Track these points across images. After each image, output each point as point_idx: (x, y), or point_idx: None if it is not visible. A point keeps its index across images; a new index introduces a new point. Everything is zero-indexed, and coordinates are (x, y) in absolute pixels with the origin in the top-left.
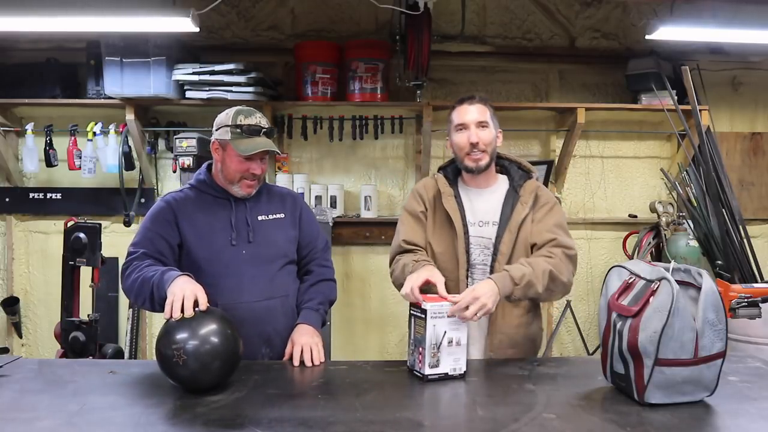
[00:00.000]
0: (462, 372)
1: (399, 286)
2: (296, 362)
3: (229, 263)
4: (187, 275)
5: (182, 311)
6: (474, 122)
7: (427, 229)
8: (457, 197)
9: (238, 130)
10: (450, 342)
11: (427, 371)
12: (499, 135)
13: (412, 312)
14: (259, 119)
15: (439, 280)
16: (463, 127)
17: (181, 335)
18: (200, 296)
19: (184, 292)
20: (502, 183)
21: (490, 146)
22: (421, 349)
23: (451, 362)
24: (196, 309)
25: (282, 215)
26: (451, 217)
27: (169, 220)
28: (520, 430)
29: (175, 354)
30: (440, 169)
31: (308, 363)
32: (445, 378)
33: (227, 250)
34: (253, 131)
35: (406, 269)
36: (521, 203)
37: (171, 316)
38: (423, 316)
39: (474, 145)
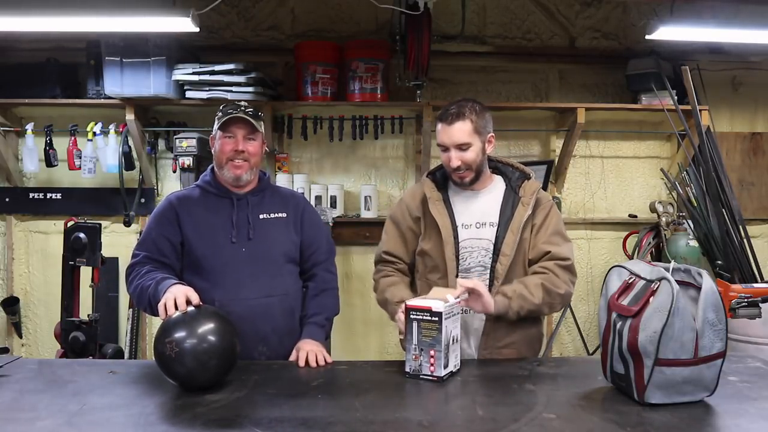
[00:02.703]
0: (459, 366)
1: (380, 302)
2: (301, 363)
3: (229, 260)
4: (180, 283)
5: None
6: (453, 145)
7: (421, 236)
8: (447, 201)
9: (220, 114)
10: (454, 339)
11: (443, 372)
12: (491, 140)
13: (414, 317)
14: (243, 104)
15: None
16: (444, 148)
17: (178, 333)
18: (191, 295)
19: (175, 294)
20: (498, 183)
21: (474, 163)
22: (433, 352)
23: (454, 359)
24: (189, 307)
25: (284, 214)
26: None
27: (171, 219)
28: (520, 430)
29: (167, 348)
30: (429, 173)
31: (313, 364)
32: (451, 375)
33: (227, 247)
34: (231, 109)
35: (389, 307)
36: (523, 204)
37: (166, 317)
38: (436, 319)
39: (456, 168)
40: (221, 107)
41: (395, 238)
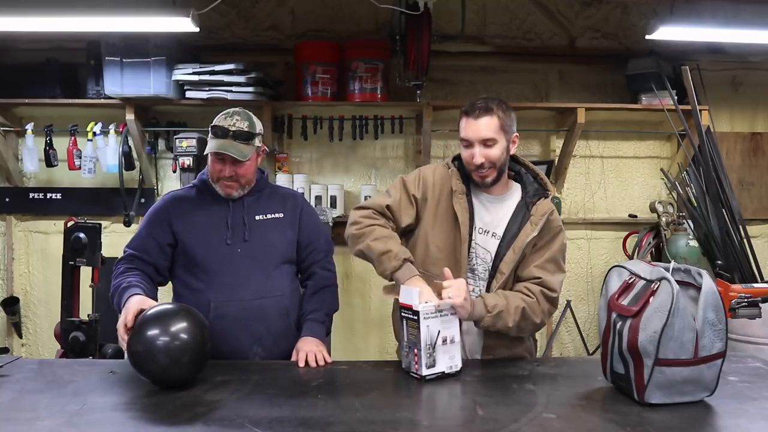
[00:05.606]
0: (458, 368)
1: (353, 244)
2: (301, 363)
3: (224, 261)
4: (136, 295)
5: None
6: (478, 140)
7: (425, 221)
8: (469, 195)
9: (210, 131)
10: (444, 340)
11: (425, 372)
12: (515, 140)
13: (403, 314)
14: (236, 121)
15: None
16: (467, 143)
17: (150, 331)
18: (129, 317)
19: (119, 325)
20: (514, 193)
21: (499, 161)
22: (416, 350)
23: (447, 360)
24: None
25: (281, 215)
26: (457, 217)
27: (162, 220)
28: (520, 430)
29: (134, 342)
30: (455, 159)
31: (313, 364)
32: (443, 377)
33: (222, 248)
34: (220, 133)
35: (387, 253)
36: (531, 223)
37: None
38: (415, 317)
39: (479, 166)
40: (212, 124)
41: (404, 204)
